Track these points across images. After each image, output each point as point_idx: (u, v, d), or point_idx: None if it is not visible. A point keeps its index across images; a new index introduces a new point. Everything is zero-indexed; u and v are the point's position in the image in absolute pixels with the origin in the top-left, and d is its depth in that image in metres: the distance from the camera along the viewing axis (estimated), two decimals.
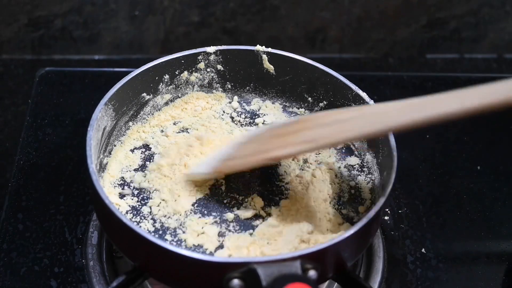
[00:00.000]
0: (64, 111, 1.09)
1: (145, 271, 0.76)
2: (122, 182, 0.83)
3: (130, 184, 0.83)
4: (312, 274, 0.69)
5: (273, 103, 0.95)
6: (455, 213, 1.00)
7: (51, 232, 0.91)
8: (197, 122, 0.91)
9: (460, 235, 0.97)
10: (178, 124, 0.91)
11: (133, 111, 0.89)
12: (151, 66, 0.88)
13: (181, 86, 0.93)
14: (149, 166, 0.85)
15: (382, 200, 0.74)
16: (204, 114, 0.93)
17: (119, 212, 0.70)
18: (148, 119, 0.91)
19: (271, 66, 0.93)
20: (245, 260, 0.68)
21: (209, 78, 0.94)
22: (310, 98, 0.93)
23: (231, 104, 0.95)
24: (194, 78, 0.93)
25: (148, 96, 0.90)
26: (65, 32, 1.28)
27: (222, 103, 0.95)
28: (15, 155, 1.02)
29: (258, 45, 0.91)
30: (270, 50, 0.91)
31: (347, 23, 1.33)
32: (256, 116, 0.94)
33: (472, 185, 1.03)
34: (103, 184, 0.82)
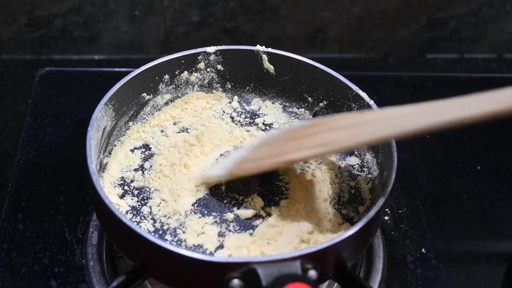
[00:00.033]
0: (64, 111, 1.09)
1: (145, 271, 0.76)
2: (122, 182, 0.83)
3: (130, 184, 0.83)
4: (312, 274, 0.69)
5: (273, 103, 0.95)
6: (455, 213, 1.00)
7: (51, 232, 0.91)
8: (197, 122, 0.91)
9: (460, 235, 0.97)
10: (178, 124, 0.91)
11: (133, 111, 0.89)
12: (151, 66, 0.88)
13: (181, 86, 0.93)
14: (149, 166, 0.85)
15: (382, 200, 0.74)
16: (204, 114, 0.93)
17: (119, 212, 0.70)
18: (148, 119, 0.91)
19: (271, 66, 0.93)
20: (245, 260, 0.68)
21: (209, 78, 0.94)
22: (310, 98, 0.93)
23: (231, 104, 0.95)
24: (194, 78, 0.93)
25: (148, 96, 0.90)
26: (65, 32, 1.28)
27: (222, 103, 0.95)
28: (15, 155, 1.02)
29: (258, 45, 0.91)
30: (270, 50, 0.91)
31: (347, 23, 1.33)
32: (256, 116, 0.94)
33: (472, 185, 1.03)
34: (103, 184, 0.82)
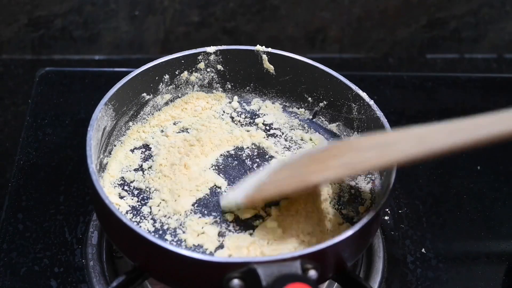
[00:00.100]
0: (64, 111, 1.09)
1: (145, 271, 0.76)
2: (122, 182, 0.83)
3: (130, 184, 0.83)
4: (312, 274, 0.69)
5: (273, 103, 0.95)
6: (455, 213, 1.00)
7: (51, 232, 0.91)
8: (197, 122, 0.91)
9: (460, 235, 0.97)
10: (178, 124, 0.91)
11: (133, 111, 0.89)
12: (151, 66, 0.88)
13: (181, 86, 0.93)
14: (149, 166, 0.85)
15: (382, 200, 0.74)
16: (204, 114, 0.93)
17: (119, 212, 0.70)
18: (148, 119, 0.91)
19: (271, 66, 0.93)
20: (245, 260, 0.68)
21: (209, 78, 0.94)
22: (310, 98, 0.93)
23: (231, 104, 0.95)
24: (194, 78, 0.93)
25: (148, 96, 0.90)
26: (65, 32, 1.28)
27: (222, 103, 0.95)
28: (15, 155, 1.02)
29: (258, 45, 0.91)
30: (270, 50, 0.91)
31: (347, 23, 1.33)
32: (256, 116, 0.94)
33: (472, 185, 1.03)
34: (103, 184, 0.82)
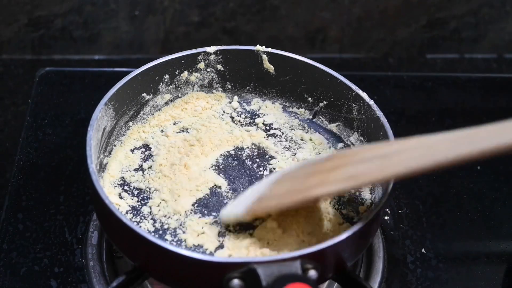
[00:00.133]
0: (64, 111, 1.09)
1: (145, 271, 0.76)
2: (122, 182, 0.83)
3: (130, 184, 0.83)
4: (312, 274, 0.68)
5: (273, 103, 0.95)
6: (455, 213, 1.00)
7: (51, 232, 0.91)
8: (197, 122, 0.91)
9: (460, 235, 0.97)
10: (178, 124, 0.91)
11: (133, 111, 0.89)
12: (151, 66, 0.88)
13: (181, 86, 0.93)
14: (149, 166, 0.85)
15: (382, 200, 0.74)
16: (204, 114, 0.93)
17: (119, 212, 0.70)
18: (148, 119, 0.91)
19: (271, 66, 0.93)
20: (245, 260, 0.68)
21: (209, 78, 0.94)
22: (310, 98, 0.93)
23: (231, 104, 0.95)
24: (194, 78, 0.93)
25: (148, 96, 0.90)
26: (65, 32, 1.28)
27: (222, 103, 0.95)
28: (15, 155, 1.02)
29: (258, 45, 0.91)
30: (270, 50, 0.91)
31: (347, 23, 1.33)
32: (256, 116, 0.94)
33: (472, 185, 1.03)
34: (103, 184, 0.82)
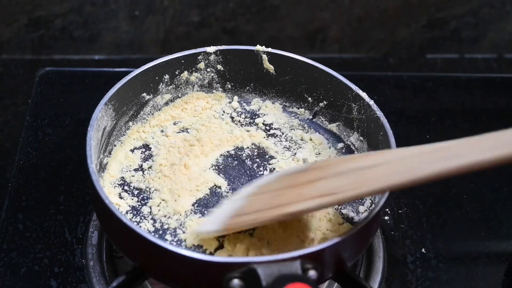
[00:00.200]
0: (64, 111, 1.09)
1: (145, 271, 0.75)
2: (122, 182, 0.83)
3: (130, 184, 0.83)
4: (312, 274, 0.68)
5: (273, 103, 0.95)
6: (455, 213, 1.00)
7: (51, 232, 0.91)
8: (197, 122, 0.91)
9: (460, 235, 0.97)
10: (178, 124, 0.91)
11: (133, 111, 0.89)
12: (151, 66, 0.88)
13: (181, 86, 0.93)
14: (149, 166, 0.85)
15: (382, 200, 0.74)
16: (204, 114, 0.93)
17: (119, 212, 0.70)
18: (148, 119, 0.91)
19: (271, 66, 0.93)
20: (245, 260, 0.68)
21: (209, 78, 0.94)
22: (310, 98, 0.93)
23: (231, 104, 0.95)
24: (194, 78, 0.93)
25: (148, 96, 0.89)
26: (65, 32, 1.28)
27: (222, 103, 0.95)
28: (15, 155, 1.02)
29: (258, 45, 0.91)
30: (270, 50, 0.91)
31: (347, 23, 1.33)
32: (256, 116, 0.94)
33: (472, 185, 1.03)
34: (103, 184, 0.82)
